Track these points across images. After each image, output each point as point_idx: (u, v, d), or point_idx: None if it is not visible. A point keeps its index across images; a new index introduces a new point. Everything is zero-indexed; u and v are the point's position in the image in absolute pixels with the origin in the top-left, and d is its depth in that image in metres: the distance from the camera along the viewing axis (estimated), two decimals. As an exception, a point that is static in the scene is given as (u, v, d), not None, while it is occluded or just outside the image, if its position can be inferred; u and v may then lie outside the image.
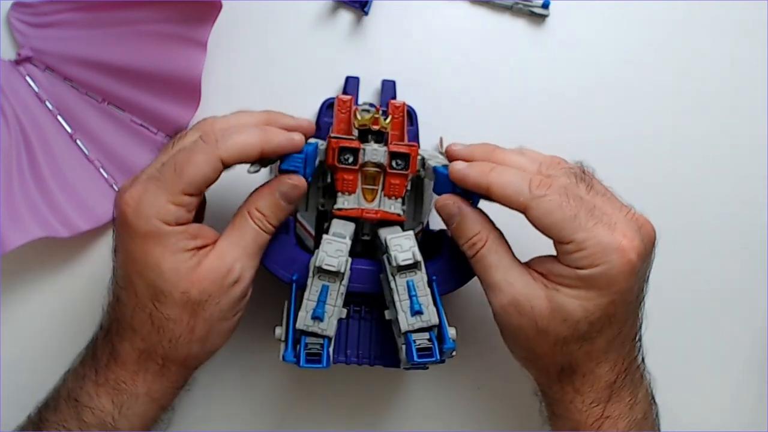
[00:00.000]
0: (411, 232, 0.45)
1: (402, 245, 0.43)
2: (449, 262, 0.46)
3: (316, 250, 0.43)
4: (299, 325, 0.42)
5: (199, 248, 0.42)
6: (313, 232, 0.48)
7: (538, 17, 0.55)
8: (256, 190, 0.44)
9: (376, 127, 0.46)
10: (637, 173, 0.56)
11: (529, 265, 0.44)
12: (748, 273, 0.56)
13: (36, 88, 0.52)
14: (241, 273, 0.42)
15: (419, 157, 0.47)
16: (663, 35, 0.56)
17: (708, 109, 0.56)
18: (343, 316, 0.44)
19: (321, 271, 0.43)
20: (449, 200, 0.44)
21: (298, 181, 0.43)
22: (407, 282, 0.43)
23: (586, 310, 0.40)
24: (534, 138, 0.54)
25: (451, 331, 0.44)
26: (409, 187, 0.47)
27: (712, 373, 0.55)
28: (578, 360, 0.42)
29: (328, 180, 0.47)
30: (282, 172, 0.44)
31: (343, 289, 0.43)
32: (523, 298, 0.41)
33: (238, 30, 0.53)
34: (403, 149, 0.46)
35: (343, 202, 0.46)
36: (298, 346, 0.43)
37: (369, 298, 0.47)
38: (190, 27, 0.50)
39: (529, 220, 0.41)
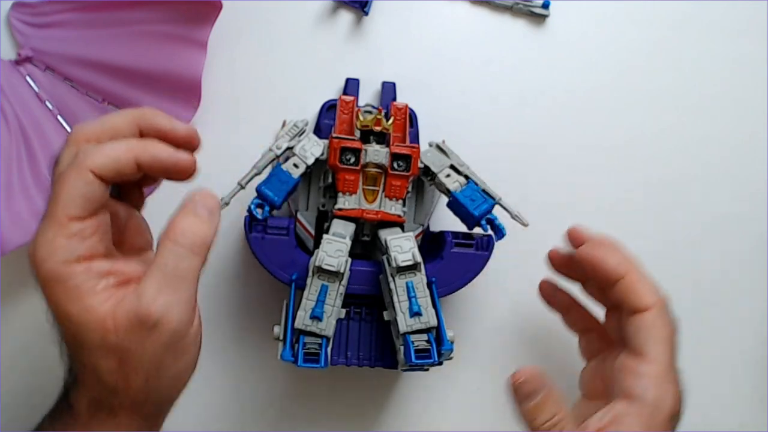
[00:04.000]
0: (411, 234, 0.45)
1: (402, 246, 0.44)
2: (449, 264, 0.46)
3: (316, 250, 0.43)
4: (298, 324, 0.42)
5: (119, 286, 0.36)
6: (313, 232, 0.48)
7: (538, 17, 0.55)
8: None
9: (378, 129, 0.46)
10: (638, 173, 0.56)
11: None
12: (748, 273, 0.56)
13: (36, 88, 0.52)
14: (163, 313, 0.34)
15: (422, 165, 0.47)
16: (663, 35, 0.56)
17: (708, 109, 0.56)
18: (342, 316, 0.44)
19: (320, 271, 0.43)
20: (528, 375, 0.40)
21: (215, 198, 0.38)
22: (406, 283, 0.43)
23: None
24: (534, 138, 0.55)
25: (450, 333, 0.44)
26: (410, 189, 0.47)
27: (712, 373, 0.55)
28: None
29: (329, 180, 0.47)
30: (259, 193, 0.44)
31: (342, 289, 0.43)
32: None
33: (238, 30, 0.53)
34: (404, 151, 0.46)
35: (344, 202, 0.46)
36: (296, 346, 0.43)
37: (369, 299, 0.47)
38: (190, 27, 0.50)
39: (639, 322, 0.42)
